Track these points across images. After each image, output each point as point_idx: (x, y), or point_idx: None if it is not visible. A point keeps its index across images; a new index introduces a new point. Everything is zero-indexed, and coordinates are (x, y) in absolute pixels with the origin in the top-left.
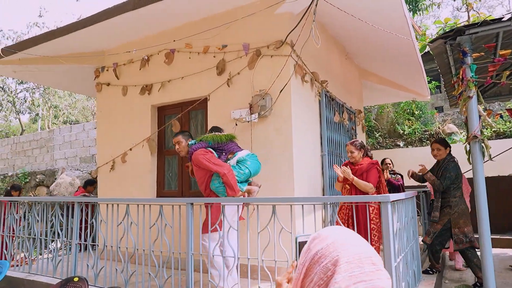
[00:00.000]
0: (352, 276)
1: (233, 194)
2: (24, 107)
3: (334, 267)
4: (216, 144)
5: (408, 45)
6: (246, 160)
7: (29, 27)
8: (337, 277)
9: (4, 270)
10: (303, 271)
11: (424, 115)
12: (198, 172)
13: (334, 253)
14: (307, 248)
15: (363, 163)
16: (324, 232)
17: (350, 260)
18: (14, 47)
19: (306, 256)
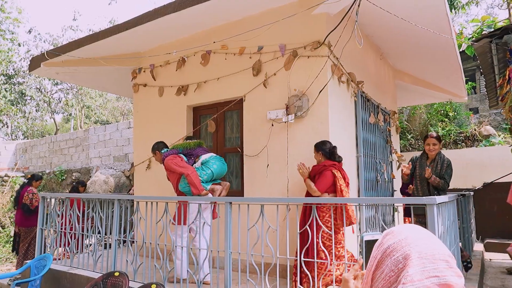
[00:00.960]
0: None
1: (197, 193)
2: (59, 107)
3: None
4: (186, 150)
5: (447, 45)
6: (209, 162)
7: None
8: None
9: (48, 263)
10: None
11: (458, 117)
12: (170, 175)
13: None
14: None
15: (321, 164)
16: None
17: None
18: (58, 49)
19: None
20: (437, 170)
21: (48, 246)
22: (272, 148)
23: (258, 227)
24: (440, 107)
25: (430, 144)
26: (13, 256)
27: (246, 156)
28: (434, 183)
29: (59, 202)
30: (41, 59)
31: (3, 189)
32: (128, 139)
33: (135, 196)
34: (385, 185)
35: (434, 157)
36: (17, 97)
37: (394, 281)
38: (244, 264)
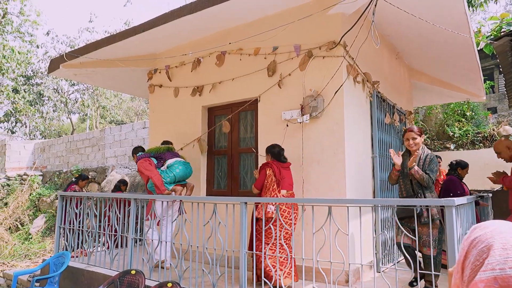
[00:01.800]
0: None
1: (159, 192)
2: (75, 108)
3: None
4: (156, 154)
5: (465, 43)
6: (173, 166)
7: (80, 32)
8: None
9: (67, 261)
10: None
11: (476, 117)
12: (141, 175)
13: (490, 239)
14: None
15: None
16: (486, 223)
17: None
18: (77, 51)
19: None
20: (419, 166)
21: (66, 244)
22: (287, 148)
23: (273, 227)
24: (457, 107)
25: (410, 139)
26: (32, 253)
27: (261, 156)
28: (416, 176)
29: (76, 201)
30: (60, 60)
31: (22, 187)
32: (143, 139)
33: (152, 195)
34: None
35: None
36: (35, 97)
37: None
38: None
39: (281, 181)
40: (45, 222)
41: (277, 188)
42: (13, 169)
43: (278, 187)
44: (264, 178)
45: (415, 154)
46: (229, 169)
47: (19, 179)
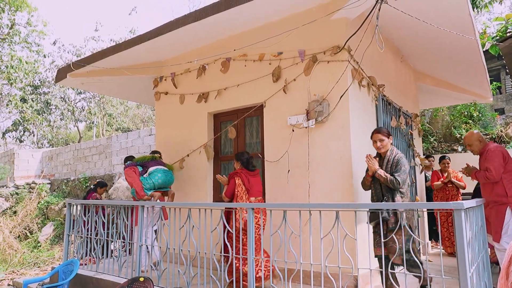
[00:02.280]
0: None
1: (139, 197)
2: (82, 116)
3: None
4: (142, 163)
5: (470, 45)
6: (153, 173)
7: (86, 41)
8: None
9: (76, 268)
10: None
11: (483, 118)
12: (128, 183)
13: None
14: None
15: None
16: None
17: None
18: (84, 60)
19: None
20: (387, 168)
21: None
22: (293, 153)
23: (281, 233)
24: (464, 109)
25: (377, 141)
26: (41, 261)
27: (267, 161)
28: (381, 180)
29: (84, 208)
30: (67, 70)
31: (30, 196)
32: (149, 146)
33: (159, 202)
34: (408, 189)
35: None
36: (42, 106)
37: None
38: None
39: (250, 190)
40: (54, 230)
41: (247, 196)
42: (22, 178)
43: (248, 194)
44: (234, 187)
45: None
46: None
47: (27, 188)
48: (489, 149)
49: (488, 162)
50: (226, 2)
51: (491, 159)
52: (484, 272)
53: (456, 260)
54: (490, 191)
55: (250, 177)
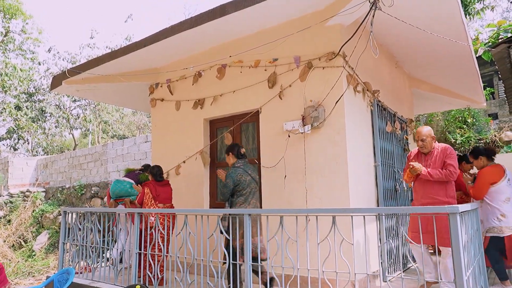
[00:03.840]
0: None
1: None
2: (77, 123)
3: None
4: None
5: (463, 51)
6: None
7: (82, 48)
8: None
9: (71, 277)
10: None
11: (477, 123)
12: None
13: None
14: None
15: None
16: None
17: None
18: (79, 67)
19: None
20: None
21: (69, 259)
22: (289, 159)
23: (278, 238)
24: (458, 114)
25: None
26: (36, 271)
27: (264, 167)
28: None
29: (79, 216)
30: (62, 77)
31: (25, 204)
32: (145, 152)
33: (156, 209)
34: (404, 194)
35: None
36: (37, 114)
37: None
38: None
39: (157, 197)
40: (49, 238)
41: (155, 202)
42: (16, 186)
43: (156, 201)
44: (143, 196)
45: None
46: None
47: (22, 196)
48: (448, 147)
49: (450, 159)
50: (221, 9)
51: (453, 157)
52: (480, 275)
53: (452, 264)
54: (438, 191)
55: (158, 187)
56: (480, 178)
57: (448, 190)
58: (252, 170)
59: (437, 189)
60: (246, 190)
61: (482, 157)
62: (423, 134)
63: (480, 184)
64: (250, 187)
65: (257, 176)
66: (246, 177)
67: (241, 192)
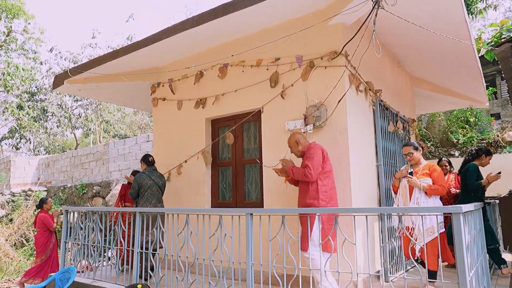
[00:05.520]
0: None
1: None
2: (79, 123)
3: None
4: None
5: (466, 50)
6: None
7: (83, 48)
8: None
9: (72, 276)
10: None
11: (480, 123)
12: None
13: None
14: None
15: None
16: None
17: None
18: (81, 67)
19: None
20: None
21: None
22: (291, 158)
23: (280, 238)
24: (460, 114)
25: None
26: None
27: (265, 167)
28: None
29: (81, 215)
30: (64, 76)
31: (26, 203)
32: (146, 152)
33: (157, 208)
34: None
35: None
36: (39, 113)
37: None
38: (266, 276)
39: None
40: None
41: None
42: (18, 185)
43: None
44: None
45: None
46: (233, 181)
47: (23, 195)
48: (311, 146)
49: (308, 159)
50: (223, 8)
51: (311, 157)
52: (483, 276)
53: (455, 264)
54: (305, 193)
55: (127, 188)
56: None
57: (311, 192)
58: (156, 176)
59: (304, 189)
60: (147, 192)
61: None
62: (288, 144)
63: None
64: (151, 190)
65: (160, 182)
66: (148, 181)
67: (143, 194)
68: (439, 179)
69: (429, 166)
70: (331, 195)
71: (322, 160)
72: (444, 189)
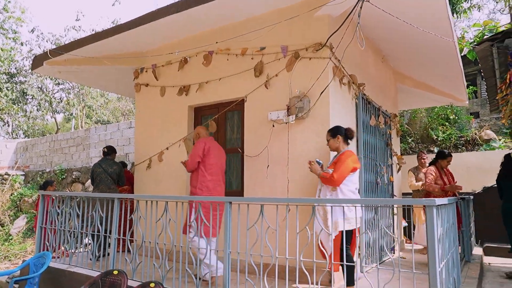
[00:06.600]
0: None
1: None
2: (60, 107)
3: None
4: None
5: (449, 48)
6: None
7: (67, 30)
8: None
9: (47, 261)
10: None
11: (459, 121)
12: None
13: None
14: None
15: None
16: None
17: None
18: (61, 48)
19: None
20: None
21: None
22: (272, 148)
23: (258, 227)
24: (441, 111)
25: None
26: (12, 255)
27: (247, 156)
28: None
29: (58, 201)
30: (44, 57)
31: (3, 187)
32: (129, 139)
33: (136, 195)
34: (384, 187)
35: None
36: (18, 96)
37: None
38: (243, 264)
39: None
40: (27, 222)
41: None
42: None
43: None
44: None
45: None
46: None
47: (0, 179)
48: (197, 141)
49: (192, 151)
50: None
51: (192, 149)
52: (454, 268)
53: (427, 255)
54: (190, 180)
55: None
56: (344, 162)
57: (193, 180)
58: (107, 164)
59: (190, 177)
60: (97, 179)
61: (340, 137)
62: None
63: (345, 169)
64: (100, 177)
65: (110, 169)
66: (98, 169)
67: (94, 180)
68: (337, 167)
69: (340, 155)
70: (208, 185)
71: (203, 153)
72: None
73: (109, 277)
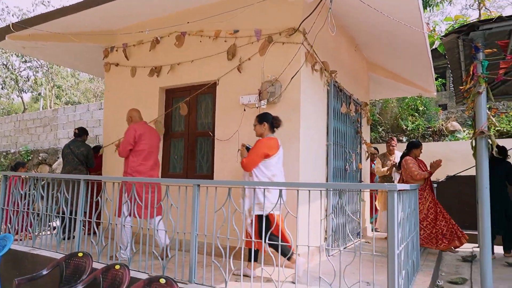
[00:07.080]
0: None
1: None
2: (27, 86)
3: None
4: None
5: (418, 39)
6: None
7: (35, 6)
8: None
9: (8, 244)
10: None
11: (428, 112)
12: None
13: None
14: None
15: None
16: None
17: None
18: (25, 22)
19: None
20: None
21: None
22: (243, 133)
23: (225, 210)
24: (411, 102)
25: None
26: None
27: (218, 140)
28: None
29: (22, 182)
30: (6, 31)
31: None
32: (98, 120)
33: (102, 176)
34: (353, 174)
35: None
36: None
37: None
38: (209, 247)
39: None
40: None
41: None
42: None
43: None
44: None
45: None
46: (185, 153)
47: None
48: (128, 128)
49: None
50: None
51: (124, 135)
52: (413, 251)
53: (387, 238)
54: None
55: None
56: (257, 148)
57: (124, 165)
58: (75, 145)
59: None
60: (65, 160)
61: (266, 124)
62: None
63: (255, 155)
64: (67, 158)
65: (77, 150)
66: (66, 150)
67: (63, 161)
68: (249, 153)
69: (257, 141)
70: (139, 170)
71: (134, 141)
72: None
73: (73, 259)
